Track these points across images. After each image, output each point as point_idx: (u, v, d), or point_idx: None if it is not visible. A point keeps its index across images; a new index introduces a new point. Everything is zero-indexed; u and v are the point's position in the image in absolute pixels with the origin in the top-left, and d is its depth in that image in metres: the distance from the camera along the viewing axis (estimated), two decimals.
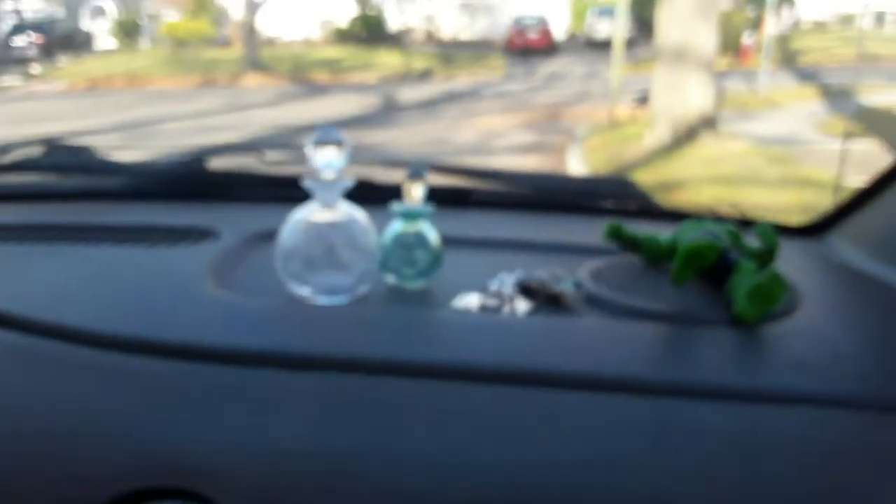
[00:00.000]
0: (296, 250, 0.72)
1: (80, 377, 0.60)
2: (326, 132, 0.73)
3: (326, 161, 0.73)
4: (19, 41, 21.17)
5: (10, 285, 0.76)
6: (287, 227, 0.73)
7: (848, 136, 4.23)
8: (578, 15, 25.97)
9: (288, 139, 8.08)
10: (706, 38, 6.68)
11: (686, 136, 6.74)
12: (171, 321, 0.67)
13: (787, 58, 17.28)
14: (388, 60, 19.30)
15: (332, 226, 0.73)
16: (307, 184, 0.72)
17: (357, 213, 0.74)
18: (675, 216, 1.04)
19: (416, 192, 0.78)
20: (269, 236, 0.87)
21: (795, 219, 1.07)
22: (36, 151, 1.08)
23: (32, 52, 20.90)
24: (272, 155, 1.15)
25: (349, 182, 0.73)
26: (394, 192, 0.83)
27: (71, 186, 1.11)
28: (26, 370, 0.61)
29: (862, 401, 0.58)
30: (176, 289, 0.75)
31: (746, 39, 16.50)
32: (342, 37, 23.86)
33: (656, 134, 6.89)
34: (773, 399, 0.58)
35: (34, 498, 0.53)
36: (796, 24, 24.52)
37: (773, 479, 0.51)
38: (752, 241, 0.82)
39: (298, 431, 0.55)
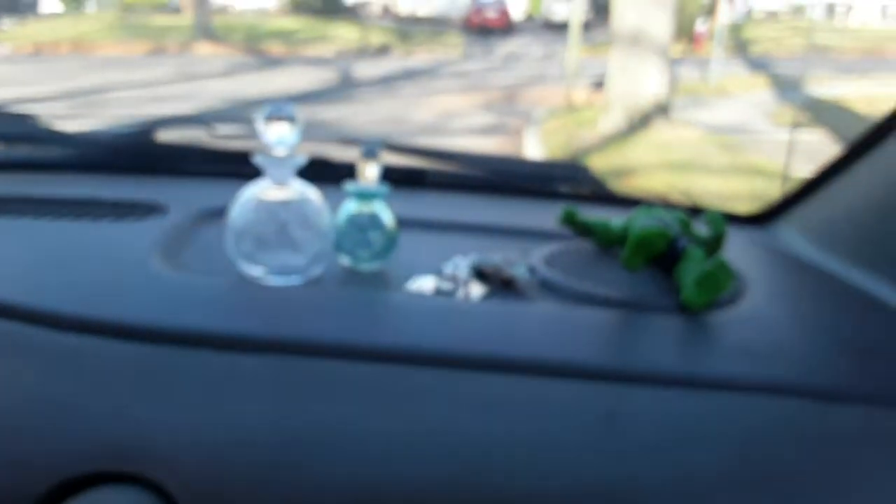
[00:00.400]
0: (247, 229, 0.71)
1: (21, 356, 0.58)
2: (278, 107, 0.71)
3: (278, 137, 0.71)
4: None
5: None
6: (237, 204, 0.71)
7: (796, 126, 4.37)
8: None
9: (240, 112, 7.94)
10: (661, 25, 6.76)
11: (640, 121, 6.84)
12: (118, 300, 0.65)
13: (740, 47, 17.65)
14: (344, 34, 19.03)
15: (285, 204, 0.71)
16: (258, 160, 0.71)
17: (310, 192, 0.73)
18: (628, 202, 1.06)
19: (370, 172, 0.77)
20: (219, 213, 0.85)
21: (743, 207, 1.10)
22: None
23: None
24: (223, 129, 1.12)
25: (302, 159, 0.72)
26: (348, 171, 0.81)
27: (12, 156, 1.07)
28: None
29: (803, 388, 0.60)
30: (122, 266, 0.73)
31: (700, 27, 16.78)
32: (297, 7, 23.41)
33: (611, 119, 6.97)
34: (717, 386, 0.59)
35: None
36: (749, 14, 25.03)
37: (716, 463, 0.53)
38: (702, 228, 0.83)
39: (249, 415, 0.54)
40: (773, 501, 0.51)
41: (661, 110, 6.96)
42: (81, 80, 10.89)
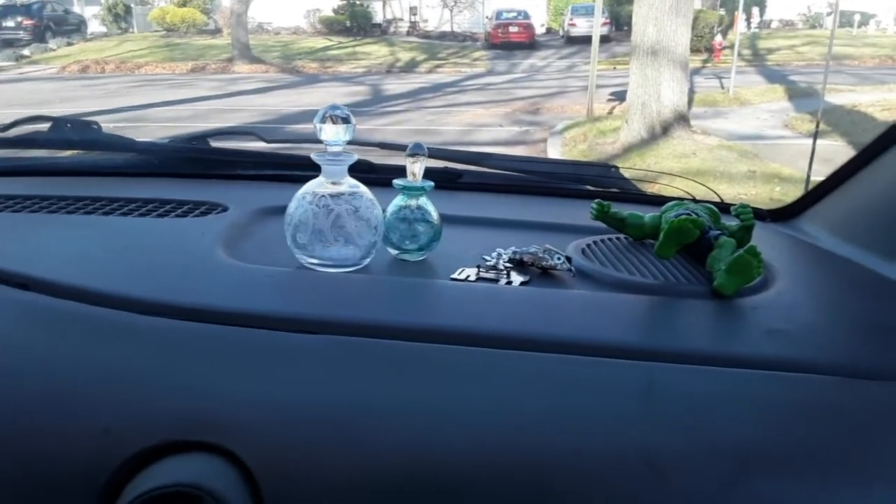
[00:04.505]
0: (304, 222, 0.75)
1: (104, 337, 0.63)
2: (333, 107, 0.76)
3: (333, 136, 0.76)
4: (9, 23, 21.01)
5: (31, 251, 0.78)
6: (296, 199, 0.76)
7: (815, 133, 4.38)
8: (556, 11, 26.14)
9: (277, 126, 8.11)
10: (680, 36, 6.80)
11: (660, 131, 6.86)
12: (188, 286, 0.70)
13: (757, 57, 17.57)
14: (374, 51, 19.39)
15: (340, 198, 0.76)
16: (315, 157, 0.76)
17: (362, 187, 0.78)
18: (656, 201, 1.09)
19: (416, 169, 0.82)
20: (275, 211, 0.91)
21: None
22: (44, 127, 1.10)
23: (23, 35, 20.80)
24: (272, 137, 1.17)
25: (355, 156, 0.77)
26: (391, 175, 0.86)
27: (79, 162, 1.13)
28: (52, 330, 0.63)
29: (829, 367, 0.62)
30: (190, 256, 0.78)
31: (718, 38, 16.73)
32: (329, 26, 23.86)
33: (632, 128, 7.00)
34: (748, 364, 0.62)
35: (61, 451, 0.55)
36: (766, 24, 24.90)
37: (747, 436, 0.55)
38: (731, 221, 0.87)
39: (310, 389, 0.57)
40: (802, 472, 0.54)
41: (681, 119, 6.97)
42: (126, 97, 11.23)
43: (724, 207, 0.99)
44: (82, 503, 0.53)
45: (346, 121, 0.76)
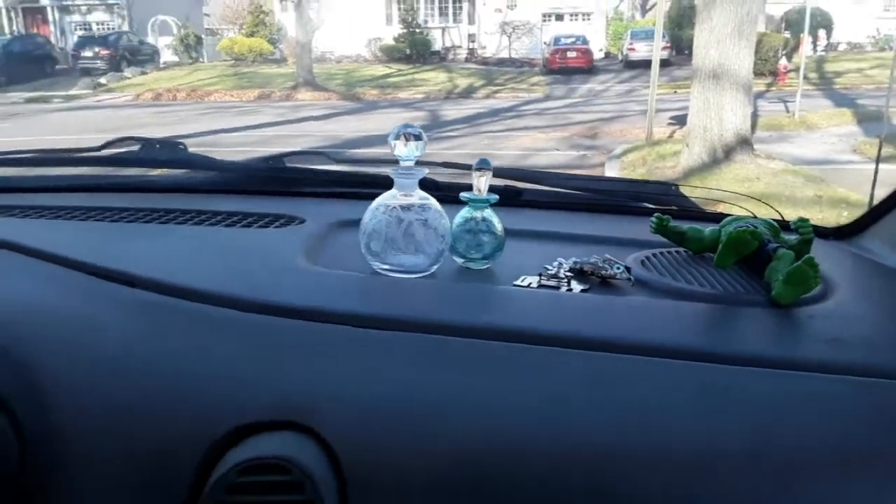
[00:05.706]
0: (378, 231, 0.81)
1: (204, 329, 0.69)
2: (406, 126, 0.82)
3: (406, 152, 0.82)
4: (87, 53, 22.42)
5: (133, 254, 0.86)
6: (370, 210, 0.82)
7: (878, 155, 4.24)
8: (615, 35, 26.06)
9: (345, 150, 8.38)
10: (743, 60, 6.71)
11: (722, 155, 6.76)
12: (277, 287, 0.77)
13: (824, 80, 17.12)
14: (433, 77, 19.77)
15: (410, 209, 0.82)
16: (390, 172, 0.82)
17: (432, 199, 0.83)
18: (715, 218, 1.11)
19: (482, 183, 0.87)
20: (348, 224, 0.97)
21: None
22: (135, 147, 1.20)
23: (99, 64, 22.13)
24: (341, 158, 1.24)
25: (425, 170, 0.82)
26: (455, 192, 0.91)
27: (165, 179, 1.22)
28: (156, 323, 0.71)
29: (889, 371, 0.63)
30: (275, 261, 0.85)
31: (783, 61, 16.39)
32: (390, 54, 24.43)
33: (693, 152, 6.92)
34: (807, 368, 0.63)
35: (167, 427, 0.61)
36: (833, 47, 24.24)
37: (804, 438, 0.57)
38: (790, 236, 0.89)
39: (384, 378, 0.63)
40: (859, 473, 0.55)
41: (744, 143, 6.86)
42: (196, 124, 11.75)
43: (784, 224, 1.00)
44: (186, 469, 0.59)
45: (418, 138, 0.82)
